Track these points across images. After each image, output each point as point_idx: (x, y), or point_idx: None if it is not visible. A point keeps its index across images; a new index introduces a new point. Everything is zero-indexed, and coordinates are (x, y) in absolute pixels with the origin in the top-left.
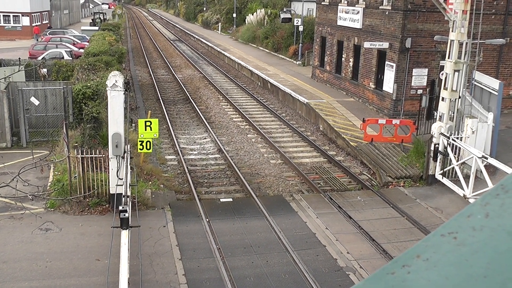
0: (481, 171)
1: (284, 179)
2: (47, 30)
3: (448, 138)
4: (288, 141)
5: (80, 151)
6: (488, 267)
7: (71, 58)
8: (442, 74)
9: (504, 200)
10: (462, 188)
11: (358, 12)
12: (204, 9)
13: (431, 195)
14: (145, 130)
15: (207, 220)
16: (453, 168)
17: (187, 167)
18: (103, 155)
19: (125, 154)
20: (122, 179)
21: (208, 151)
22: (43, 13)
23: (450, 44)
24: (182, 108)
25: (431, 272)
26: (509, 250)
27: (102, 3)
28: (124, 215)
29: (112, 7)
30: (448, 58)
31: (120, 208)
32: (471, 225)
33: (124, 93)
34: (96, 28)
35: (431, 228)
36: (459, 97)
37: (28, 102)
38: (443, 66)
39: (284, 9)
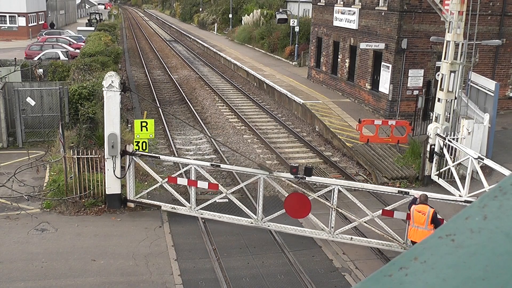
0: (477, 172)
1: (280, 180)
2: (43, 30)
3: (444, 139)
4: (284, 142)
5: (76, 151)
6: (486, 269)
7: (67, 59)
8: (438, 75)
9: (502, 202)
10: (458, 189)
11: (354, 13)
12: (200, 9)
13: None
14: (141, 130)
15: (203, 220)
16: (449, 169)
17: (183, 167)
18: (99, 156)
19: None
20: (120, 178)
21: (204, 152)
22: (39, 13)
23: (446, 45)
24: (178, 109)
25: (428, 275)
26: (507, 252)
27: (98, 4)
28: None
29: (108, 7)
30: (444, 59)
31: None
32: (469, 227)
33: (120, 94)
34: (92, 28)
35: None
36: (455, 98)
37: (24, 103)
38: (439, 67)
39: (280, 10)
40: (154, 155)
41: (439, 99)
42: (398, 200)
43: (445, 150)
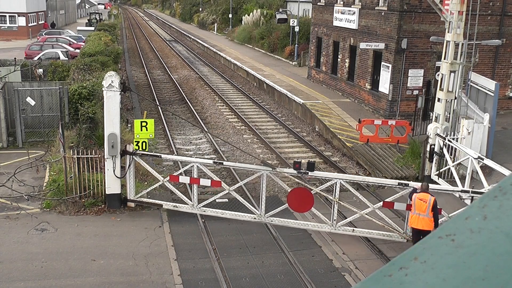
0: (477, 172)
1: (279, 180)
2: (43, 30)
3: (444, 139)
4: (284, 142)
5: (76, 151)
6: (486, 269)
7: (67, 59)
8: (438, 75)
9: (502, 202)
10: None
11: (354, 13)
12: (200, 9)
13: None
14: (141, 130)
15: (203, 220)
16: (449, 169)
17: (183, 166)
18: (99, 156)
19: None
20: (120, 178)
21: (204, 152)
22: (39, 13)
23: (446, 45)
24: (178, 109)
25: (428, 275)
26: (507, 252)
27: (98, 4)
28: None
29: (108, 7)
30: (444, 59)
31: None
32: (469, 227)
33: (120, 94)
34: (92, 28)
35: None
36: (455, 98)
37: (24, 102)
38: (439, 67)
39: (280, 10)
40: (155, 154)
41: (439, 99)
42: (402, 202)
43: (445, 150)
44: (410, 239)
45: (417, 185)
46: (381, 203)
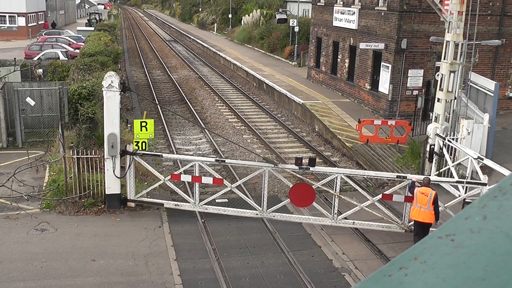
0: (477, 172)
1: (279, 180)
2: (43, 30)
3: (444, 139)
4: (283, 142)
5: (75, 151)
6: (486, 269)
7: (66, 59)
8: (438, 75)
9: (502, 202)
10: (458, 189)
11: (353, 13)
12: (200, 9)
13: None
14: (141, 130)
15: (203, 220)
16: (448, 169)
17: (183, 166)
18: (99, 156)
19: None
20: (120, 178)
21: (204, 152)
22: (39, 13)
23: (446, 45)
24: (177, 109)
25: (428, 275)
26: (507, 252)
27: (98, 4)
28: (304, 159)
29: (108, 7)
30: (444, 59)
31: (297, 156)
32: (468, 227)
33: (119, 94)
34: (92, 28)
35: None
36: (455, 98)
37: (23, 103)
38: (439, 67)
39: (280, 10)
40: (156, 153)
41: (438, 99)
42: (401, 202)
43: (444, 150)
44: (408, 230)
45: (415, 177)
46: (380, 195)
